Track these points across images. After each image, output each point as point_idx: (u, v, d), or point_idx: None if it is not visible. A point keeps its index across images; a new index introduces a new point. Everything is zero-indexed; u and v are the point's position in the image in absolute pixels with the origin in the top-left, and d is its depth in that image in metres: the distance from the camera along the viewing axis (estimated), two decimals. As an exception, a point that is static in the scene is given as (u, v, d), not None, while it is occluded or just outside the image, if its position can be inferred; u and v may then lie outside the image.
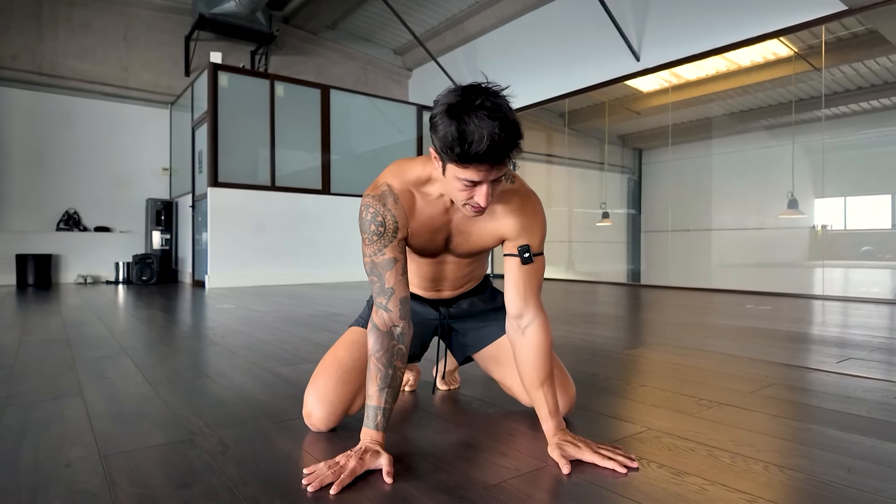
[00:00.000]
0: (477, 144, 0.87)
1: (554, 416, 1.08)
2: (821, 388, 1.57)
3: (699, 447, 1.10)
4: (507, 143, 0.89)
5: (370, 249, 1.06)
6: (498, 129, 0.87)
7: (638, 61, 5.62)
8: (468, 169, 0.91)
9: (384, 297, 1.06)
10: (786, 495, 0.88)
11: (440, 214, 1.11)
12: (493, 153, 0.88)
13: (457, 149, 0.88)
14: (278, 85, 5.91)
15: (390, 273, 1.06)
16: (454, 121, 0.88)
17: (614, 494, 0.88)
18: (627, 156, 8.98)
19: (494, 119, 0.87)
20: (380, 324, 1.06)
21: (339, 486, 0.89)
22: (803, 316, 3.28)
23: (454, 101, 0.89)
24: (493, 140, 0.87)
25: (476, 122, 0.87)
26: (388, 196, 1.06)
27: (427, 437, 1.17)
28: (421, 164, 1.08)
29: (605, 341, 2.37)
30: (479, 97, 0.89)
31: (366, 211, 1.06)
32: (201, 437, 1.16)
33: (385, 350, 1.05)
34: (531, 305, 1.13)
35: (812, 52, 5.29)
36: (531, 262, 1.11)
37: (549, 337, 1.13)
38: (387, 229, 1.05)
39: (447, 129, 0.89)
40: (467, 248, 1.17)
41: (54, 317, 3.15)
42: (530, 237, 1.12)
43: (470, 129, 0.87)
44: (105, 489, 0.90)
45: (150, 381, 1.66)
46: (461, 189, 0.95)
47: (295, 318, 3.09)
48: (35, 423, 1.25)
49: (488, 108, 0.88)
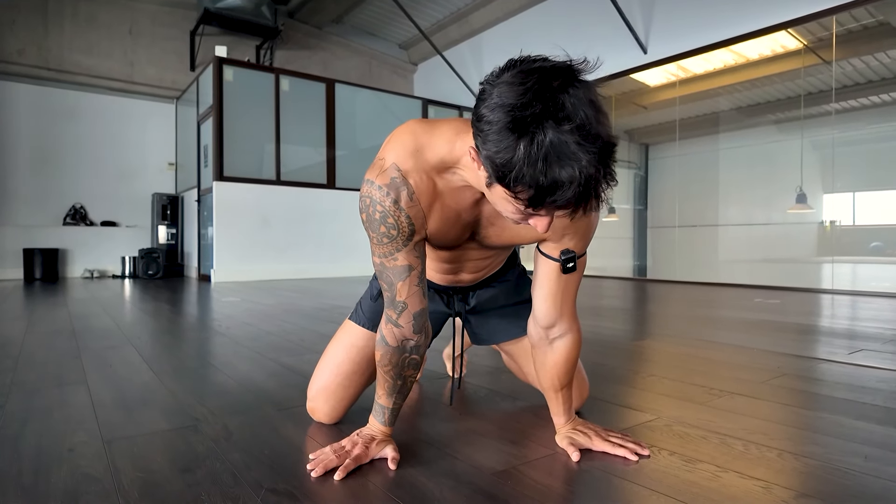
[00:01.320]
0: (562, 193, 0.60)
1: (566, 413, 1.05)
2: (833, 378, 1.54)
3: (711, 435, 1.07)
4: (601, 181, 0.61)
5: (380, 250, 0.87)
6: (594, 168, 0.59)
7: (645, 54, 5.58)
8: (536, 211, 0.66)
9: (394, 312, 0.90)
10: (801, 482, 0.86)
11: (469, 207, 0.86)
12: (581, 199, 0.61)
13: (528, 191, 0.62)
14: (283, 79, 5.90)
15: (403, 284, 0.87)
16: (522, 143, 0.59)
17: (625, 481, 0.86)
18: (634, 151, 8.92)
19: (589, 147, 0.59)
20: (390, 339, 0.92)
21: (343, 471, 0.88)
22: (813, 309, 3.24)
23: (527, 111, 0.59)
24: (585, 186, 0.59)
25: (561, 153, 0.58)
26: (402, 189, 0.81)
27: (433, 424, 1.15)
28: (446, 139, 0.79)
29: (611, 333, 2.34)
30: (564, 101, 0.59)
31: (372, 206, 0.83)
32: (205, 424, 1.14)
33: (395, 365, 0.93)
34: (566, 317, 0.96)
35: (822, 45, 5.23)
36: (574, 270, 0.90)
37: (579, 350, 1.00)
38: (400, 232, 0.83)
39: (509, 155, 0.60)
40: (497, 242, 0.95)
41: (60, 309, 3.16)
42: (577, 240, 0.89)
43: (549, 166, 0.59)
44: (108, 474, 0.89)
45: (155, 370, 1.65)
46: (514, 213, 0.70)
47: (300, 311, 3.08)
48: (38, 410, 1.24)
49: (580, 123, 0.58)
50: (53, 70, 6.00)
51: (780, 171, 6.38)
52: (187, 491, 0.83)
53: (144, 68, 6.52)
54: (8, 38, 5.77)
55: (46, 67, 5.96)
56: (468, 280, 1.13)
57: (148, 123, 6.72)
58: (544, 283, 0.94)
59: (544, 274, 0.93)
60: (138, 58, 6.48)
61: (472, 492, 0.83)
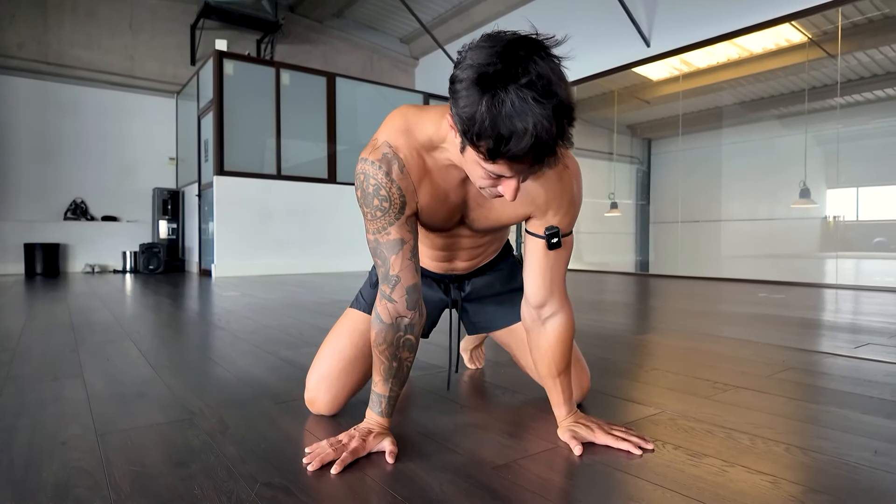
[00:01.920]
0: (517, 142, 0.65)
1: (567, 404, 1.02)
2: (839, 372, 1.52)
3: (716, 429, 1.05)
4: (555, 137, 0.67)
5: (373, 226, 0.90)
6: (547, 121, 0.65)
7: (648, 47, 5.53)
8: (497, 164, 0.70)
9: (388, 286, 0.91)
10: (810, 477, 0.83)
11: (455, 186, 0.91)
12: (538, 152, 0.67)
13: (487, 142, 0.67)
14: (284, 73, 5.87)
15: (396, 257, 0.90)
16: (486, 98, 0.65)
17: (628, 476, 0.84)
18: (636, 146, 8.89)
19: (545, 104, 0.64)
20: (384, 315, 0.93)
21: (340, 465, 0.86)
22: (817, 304, 3.21)
23: (489, 67, 0.65)
24: (539, 137, 0.65)
25: (518, 107, 0.64)
26: (393, 162, 0.86)
27: (432, 418, 1.13)
28: (433, 120, 0.85)
29: (613, 327, 2.32)
30: (524, 63, 0.65)
31: (365, 180, 0.87)
32: (201, 417, 1.13)
33: (389, 344, 0.93)
34: (556, 295, 0.98)
35: (826, 39, 5.18)
36: (559, 246, 0.94)
37: (573, 330, 1.01)
38: (392, 204, 0.87)
39: (474, 108, 0.66)
40: (486, 225, 1.00)
41: (60, 303, 3.14)
42: (561, 216, 0.93)
43: (507, 117, 0.64)
44: (100, 467, 0.87)
45: (153, 363, 1.63)
46: (483, 177, 0.76)
47: (301, 305, 3.06)
48: (33, 403, 1.22)
49: (538, 84, 0.64)
50: (53, 64, 5.97)
51: (783, 166, 6.33)
52: (180, 485, 0.81)
53: (145, 62, 6.49)
54: (8, 32, 5.74)
55: (46, 62, 5.94)
56: (463, 268, 1.16)
57: (148, 118, 6.69)
58: (533, 262, 0.97)
59: (532, 252, 0.97)
60: (138, 52, 6.45)
61: (471, 486, 0.81)
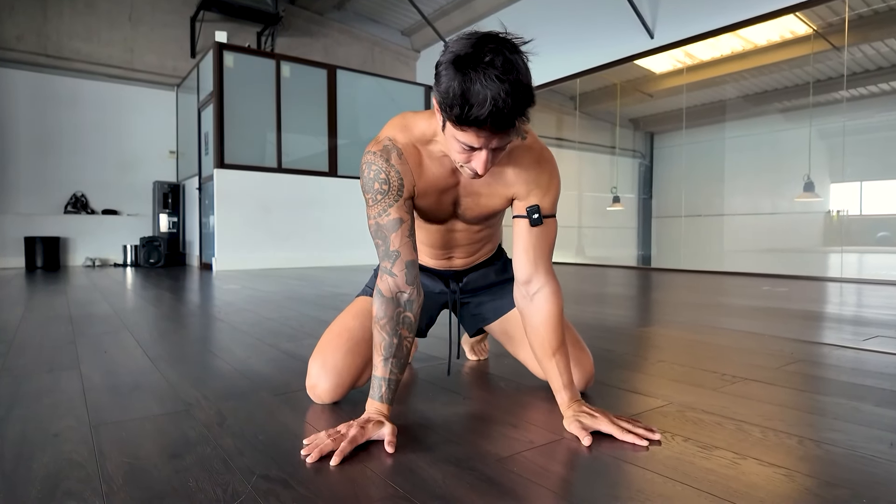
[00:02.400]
0: (479, 108, 0.77)
1: (568, 388, 1.01)
2: (849, 364, 1.49)
3: (726, 421, 1.02)
4: (512, 109, 0.79)
5: (374, 210, 0.99)
6: (504, 94, 0.77)
7: (652, 38, 5.47)
8: (467, 132, 0.82)
9: (389, 261, 0.98)
10: (826, 470, 0.81)
11: (447, 175, 1.02)
12: (496, 120, 0.79)
13: (456, 109, 0.79)
14: (284, 65, 5.82)
15: (395, 235, 0.98)
16: (458, 75, 0.78)
17: (636, 468, 0.82)
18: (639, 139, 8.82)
19: (504, 81, 0.77)
20: (384, 290, 0.98)
21: (339, 455, 0.83)
22: (823, 297, 3.18)
23: (463, 52, 0.79)
24: (497, 106, 0.77)
25: (482, 82, 0.77)
26: (392, 151, 0.98)
27: (435, 409, 1.11)
28: (426, 119, 0.99)
29: (617, 319, 2.29)
30: (492, 51, 0.78)
31: (368, 168, 0.98)
32: (198, 409, 1.10)
33: (390, 318, 0.97)
34: (541, 270, 1.05)
35: (832, 31, 5.12)
36: (541, 223, 1.03)
37: (560, 304, 1.06)
38: (391, 187, 0.97)
39: (449, 83, 0.79)
40: (477, 212, 1.08)
41: (59, 296, 3.12)
42: (541, 197, 1.04)
43: (474, 89, 0.77)
44: (92, 459, 0.85)
45: (150, 355, 1.61)
46: (459, 151, 0.86)
47: (301, 298, 3.03)
48: (27, 395, 1.20)
49: (500, 66, 0.77)
50: (52, 57, 5.93)
51: (787, 160, 6.28)
52: (174, 477, 0.78)
53: (144, 55, 6.45)
54: (7, 24, 5.70)
55: (45, 54, 5.90)
56: (460, 265, 1.26)
57: (148, 111, 6.66)
58: (518, 241, 1.05)
59: (518, 233, 1.05)
60: (138, 44, 6.41)
61: (475, 479, 0.78)
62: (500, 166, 1.01)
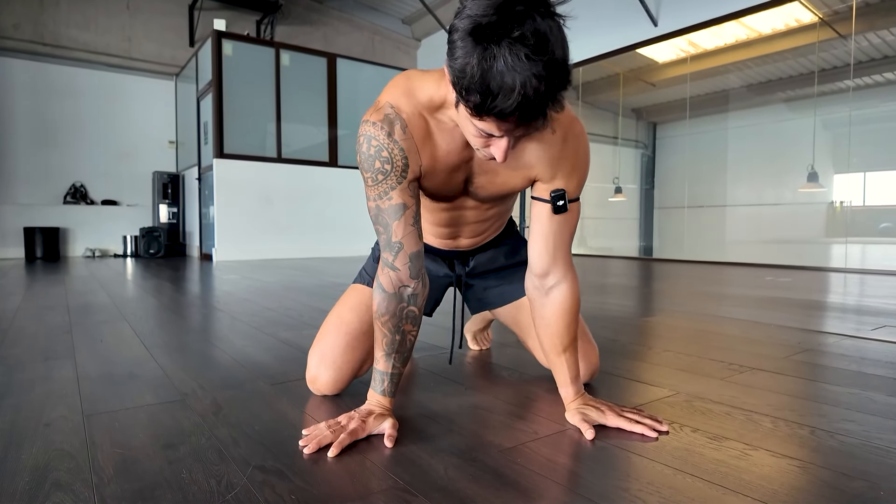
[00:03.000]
0: (504, 98, 0.63)
1: (574, 383, 0.97)
2: (859, 353, 1.46)
3: (735, 411, 1.00)
4: (544, 97, 0.64)
5: (374, 192, 0.86)
6: (536, 79, 0.62)
7: (656, 26, 5.40)
8: (486, 121, 0.69)
9: (391, 253, 0.88)
10: (841, 461, 0.78)
11: (459, 149, 0.87)
12: (525, 111, 0.65)
13: (475, 96, 0.65)
14: (284, 53, 5.76)
15: (398, 223, 0.86)
16: (478, 50, 0.63)
17: (645, 459, 0.79)
18: (642, 129, 8.75)
19: (536, 61, 0.62)
20: (386, 284, 0.89)
21: (337, 447, 0.80)
22: (827, 287, 3.15)
23: (485, 20, 0.63)
24: (527, 95, 0.63)
25: (509, 63, 0.62)
26: (395, 123, 0.82)
27: (437, 399, 1.08)
28: (435, 81, 0.82)
29: (620, 309, 2.26)
30: (521, 19, 0.62)
31: (367, 142, 0.83)
32: (193, 398, 1.08)
33: (392, 314, 0.89)
34: (560, 263, 0.95)
35: (837, 19, 5.05)
36: (565, 210, 0.90)
37: (578, 300, 0.97)
38: (394, 167, 0.83)
39: (466, 60, 0.64)
40: (492, 191, 0.95)
41: (58, 286, 3.10)
42: (567, 180, 0.90)
43: (499, 73, 0.62)
44: (83, 450, 0.83)
45: (147, 344, 1.58)
46: (475, 135, 0.74)
47: (301, 288, 3.01)
48: (20, 384, 1.18)
49: (531, 40, 0.62)
50: (49, 45, 5.87)
51: (790, 151, 6.23)
52: (167, 468, 0.76)
53: (142, 44, 6.39)
54: (3, 12, 5.64)
55: (42, 42, 5.84)
56: (467, 245, 1.13)
57: (147, 100, 6.60)
58: (537, 228, 0.94)
59: (537, 218, 0.94)
60: (136, 33, 6.34)
61: (477, 470, 0.76)
62: (521, 143, 0.87)
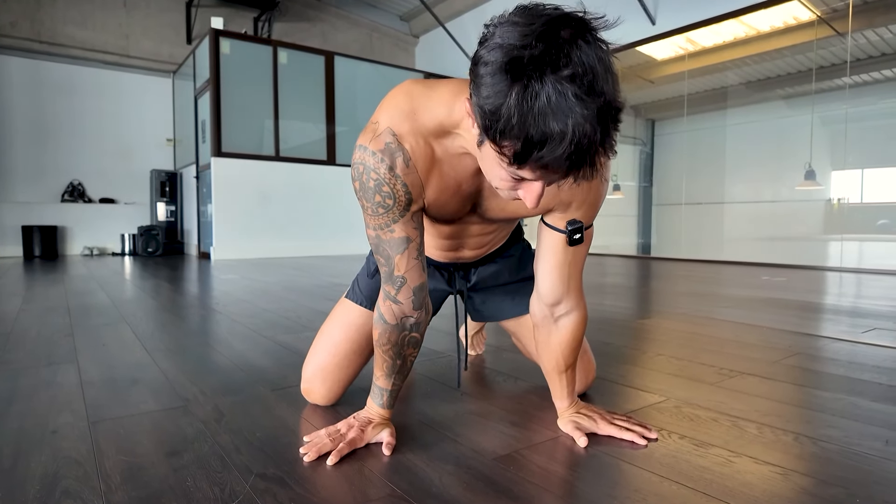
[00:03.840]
0: (550, 150, 0.53)
1: (570, 397, 0.99)
2: (848, 357, 1.49)
3: (722, 417, 1.03)
4: (599, 145, 0.55)
5: (374, 222, 0.80)
6: (591, 125, 0.53)
7: (654, 25, 5.41)
8: (522, 169, 0.59)
9: (393, 287, 0.84)
10: (821, 468, 0.81)
11: (469, 177, 0.80)
12: (574, 161, 0.55)
13: (514, 144, 0.55)
14: (281, 51, 5.76)
15: (401, 257, 0.81)
16: (517, 88, 0.52)
17: (634, 467, 0.82)
18: (640, 126, 8.77)
19: (588, 102, 0.52)
20: (388, 316, 0.86)
21: (336, 455, 0.83)
22: (822, 287, 3.18)
23: (525, 53, 0.52)
24: (580, 145, 0.53)
25: (555, 104, 0.51)
26: (397, 155, 0.74)
27: (433, 405, 1.11)
28: (444, 101, 0.73)
29: (616, 311, 2.29)
30: (570, 50, 0.52)
31: (365, 173, 0.76)
32: (195, 405, 1.10)
33: (394, 343, 0.88)
34: (573, 293, 0.91)
35: (836, 17, 5.06)
36: (581, 242, 0.85)
37: (584, 329, 0.95)
38: (396, 202, 0.77)
39: (500, 101, 0.53)
40: (501, 216, 0.90)
41: (57, 286, 3.12)
42: (585, 210, 0.84)
43: (541, 115, 0.52)
44: (90, 457, 0.85)
45: (148, 348, 1.61)
46: (503, 179, 0.64)
47: (299, 288, 3.03)
48: (24, 390, 1.20)
49: (585, 79, 0.52)
50: (46, 43, 5.86)
51: (788, 148, 6.26)
52: (172, 475, 0.79)
53: (140, 41, 6.38)
54: (0, 10, 5.62)
55: (39, 40, 5.83)
56: (470, 256, 1.07)
57: (145, 98, 6.60)
58: (549, 257, 0.88)
59: (549, 247, 0.88)
60: (133, 30, 6.33)
61: (472, 477, 0.78)
62: None
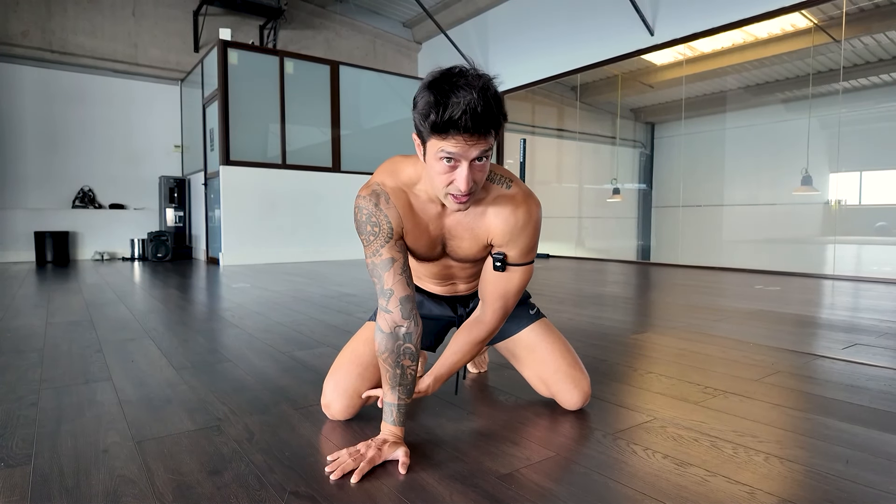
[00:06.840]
0: (453, 108, 0.87)
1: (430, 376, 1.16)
2: (825, 375, 1.60)
3: (702, 437, 1.14)
4: (485, 111, 0.88)
5: (369, 250, 1.06)
6: (477, 95, 0.87)
7: (652, 35, 5.51)
8: (446, 139, 0.89)
9: (384, 299, 1.05)
10: (783, 487, 0.92)
11: (434, 217, 1.09)
12: (472, 120, 0.87)
13: (432, 115, 0.88)
14: (288, 61, 5.88)
15: (388, 273, 1.05)
16: (433, 90, 0.89)
17: (620, 485, 0.93)
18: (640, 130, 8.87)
19: (474, 87, 0.88)
20: (383, 325, 1.06)
21: (358, 474, 0.95)
22: (812, 298, 3.29)
23: (433, 78, 0.91)
24: (471, 105, 0.87)
25: (455, 90, 0.88)
26: (381, 195, 1.05)
27: (442, 424, 1.22)
28: (412, 164, 1.07)
29: (613, 325, 2.41)
30: (460, 74, 0.90)
31: (360, 212, 1.06)
32: (227, 424, 1.22)
33: (391, 351, 1.05)
34: (488, 307, 1.15)
35: (832, 24, 5.16)
36: (502, 270, 1.11)
37: (484, 341, 1.18)
38: (381, 230, 1.05)
39: (426, 99, 0.90)
40: (462, 255, 1.15)
41: (76, 296, 3.24)
42: (512, 247, 1.10)
43: (447, 95, 0.87)
44: (143, 476, 0.97)
45: (174, 364, 1.73)
46: (441, 172, 0.93)
47: (309, 299, 3.15)
48: (70, 408, 1.32)
49: (470, 78, 0.89)
50: (58, 52, 5.99)
51: (786, 151, 6.35)
52: (217, 493, 0.90)
53: (148, 50, 6.50)
54: (12, 19, 5.75)
55: (51, 49, 5.96)
56: (465, 290, 1.33)
57: (153, 105, 6.73)
58: (484, 273, 1.17)
59: (486, 267, 1.16)
60: (142, 39, 6.46)
61: (478, 496, 0.90)
62: (480, 215, 1.07)
